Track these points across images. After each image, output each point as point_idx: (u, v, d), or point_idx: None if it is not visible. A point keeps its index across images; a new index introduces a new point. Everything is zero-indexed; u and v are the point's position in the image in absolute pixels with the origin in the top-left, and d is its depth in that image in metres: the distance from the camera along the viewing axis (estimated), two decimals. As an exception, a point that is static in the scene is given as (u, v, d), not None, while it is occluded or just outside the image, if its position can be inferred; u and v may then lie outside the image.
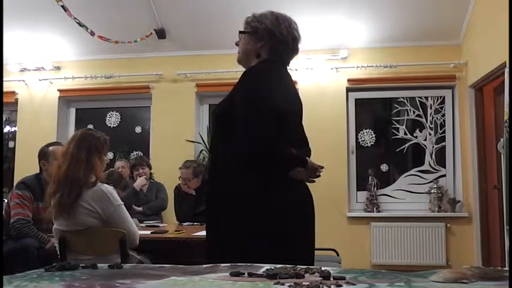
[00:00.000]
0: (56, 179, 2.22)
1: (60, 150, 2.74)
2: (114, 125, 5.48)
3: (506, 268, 1.37)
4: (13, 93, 5.30)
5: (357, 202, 4.90)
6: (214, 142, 1.88)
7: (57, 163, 2.33)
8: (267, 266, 1.08)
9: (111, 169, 3.91)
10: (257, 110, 1.61)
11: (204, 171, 3.86)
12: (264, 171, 1.66)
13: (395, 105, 4.98)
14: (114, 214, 2.20)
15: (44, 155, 2.95)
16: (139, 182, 4.05)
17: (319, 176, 1.75)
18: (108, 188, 2.24)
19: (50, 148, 2.95)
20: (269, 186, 1.66)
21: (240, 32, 1.90)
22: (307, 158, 1.74)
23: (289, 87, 1.85)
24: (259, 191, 1.65)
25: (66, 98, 5.38)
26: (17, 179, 4.32)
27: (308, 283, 0.89)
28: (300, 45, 1.89)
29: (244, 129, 1.63)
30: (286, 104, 1.75)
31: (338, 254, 3.37)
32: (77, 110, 5.55)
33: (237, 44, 1.93)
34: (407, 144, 4.91)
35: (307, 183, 1.78)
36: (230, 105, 1.71)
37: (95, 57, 5.21)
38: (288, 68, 1.90)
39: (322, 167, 1.76)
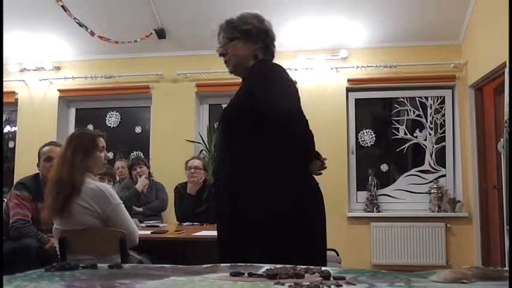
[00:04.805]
0: (50, 181, 2.23)
1: (53, 151, 2.75)
2: (114, 125, 5.47)
3: (506, 268, 1.37)
4: (13, 93, 5.30)
5: (357, 202, 4.89)
6: (228, 145, 1.76)
7: (54, 165, 2.34)
8: (267, 266, 1.08)
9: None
10: (295, 108, 1.62)
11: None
12: (301, 168, 1.66)
13: (395, 105, 4.97)
14: (113, 213, 2.19)
15: (38, 155, 2.96)
16: (141, 183, 4.05)
17: (326, 167, 1.76)
18: (107, 187, 2.24)
19: (43, 149, 2.94)
20: (300, 182, 1.67)
21: (231, 40, 1.78)
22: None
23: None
24: (290, 189, 1.64)
25: (66, 98, 5.38)
26: (17, 179, 4.30)
27: (308, 283, 0.88)
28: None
29: (291, 128, 1.59)
30: (298, 99, 1.77)
31: (338, 254, 3.37)
32: (77, 110, 5.55)
33: (223, 55, 1.81)
34: (407, 144, 4.91)
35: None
36: (247, 106, 1.66)
37: (95, 57, 5.21)
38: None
39: (326, 159, 1.77)
